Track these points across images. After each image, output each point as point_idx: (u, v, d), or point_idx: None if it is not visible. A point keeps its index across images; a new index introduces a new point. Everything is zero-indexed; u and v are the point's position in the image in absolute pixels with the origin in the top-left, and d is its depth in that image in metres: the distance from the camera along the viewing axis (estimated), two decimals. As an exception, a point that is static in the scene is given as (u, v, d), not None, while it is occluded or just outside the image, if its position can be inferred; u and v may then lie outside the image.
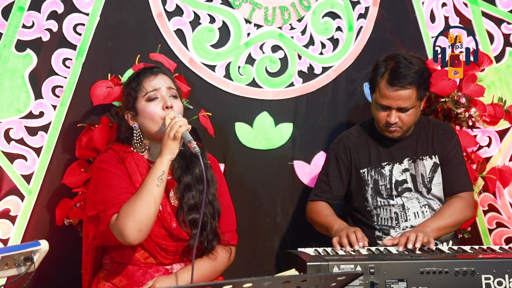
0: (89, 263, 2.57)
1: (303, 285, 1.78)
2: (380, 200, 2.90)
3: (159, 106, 2.44)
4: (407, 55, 2.82)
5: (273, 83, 3.26)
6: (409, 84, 2.75)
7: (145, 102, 2.46)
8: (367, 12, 3.34)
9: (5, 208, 2.94)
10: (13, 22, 2.91)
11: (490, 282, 2.27)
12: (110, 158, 2.47)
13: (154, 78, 2.49)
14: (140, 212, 2.29)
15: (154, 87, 2.47)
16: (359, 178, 2.92)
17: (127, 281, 2.46)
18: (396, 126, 2.81)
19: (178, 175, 2.50)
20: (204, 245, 2.47)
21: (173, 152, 2.35)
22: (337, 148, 2.97)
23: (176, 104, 2.46)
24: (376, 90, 2.82)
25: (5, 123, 2.93)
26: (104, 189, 2.40)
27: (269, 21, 3.22)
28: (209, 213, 2.48)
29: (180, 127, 2.33)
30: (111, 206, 2.34)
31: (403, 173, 2.90)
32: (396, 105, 2.78)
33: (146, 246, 2.44)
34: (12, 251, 2.03)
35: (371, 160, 2.92)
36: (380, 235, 2.89)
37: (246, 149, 3.26)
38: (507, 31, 3.46)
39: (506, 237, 3.45)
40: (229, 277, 2.56)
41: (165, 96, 2.46)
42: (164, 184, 2.35)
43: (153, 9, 3.10)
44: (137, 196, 2.32)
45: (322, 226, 2.84)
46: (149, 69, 2.56)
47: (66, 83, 2.99)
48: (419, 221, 2.83)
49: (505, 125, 3.41)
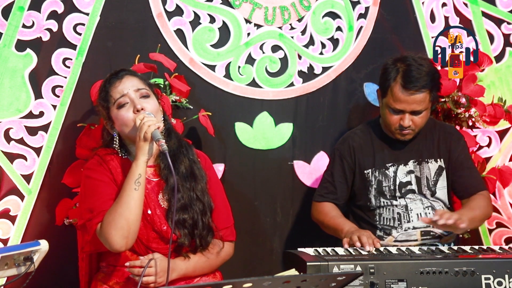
0: (84, 268, 2.59)
1: (303, 285, 1.78)
2: (383, 200, 2.89)
3: (130, 110, 2.41)
4: (415, 57, 2.80)
5: (273, 83, 3.26)
6: (423, 87, 2.73)
7: (116, 110, 2.43)
8: (367, 12, 3.34)
9: (5, 208, 2.94)
10: (13, 22, 2.91)
11: (490, 282, 2.27)
12: (95, 164, 2.46)
13: (120, 84, 2.45)
14: (121, 219, 2.27)
15: (121, 92, 2.43)
16: (363, 178, 2.91)
17: (123, 284, 2.46)
18: (409, 129, 2.80)
19: (165, 176, 2.47)
20: (197, 243, 2.46)
21: (146, 154, 2.33)
22: (342, 148, 2.96)
23: (148, 103, 2.43)
24: (389, 94, 2.79)
25: (5, 123, 2.93)
26: (90, 197, 2.40)
27: (269, 21, 3.22)
28: (198, 210, 2.46)
29: (149, 127, 2.31)
30: (96, 215, 2.34)
31: (407, 174, 2.89)
32: (410, 108, 2.76)
33: (138, 250, 2.43)
34: (12, 251, 2.03)
35: (376, 161, 2.90)
36: (381, 234, 2.88)
37: (246, 149, 3.26)
38: (507, 31, 3.46)
39: (506, 237, 3.45)
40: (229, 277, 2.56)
41: (134, 99, 2.41)
42: (142, 186, 2.33)
43: (153, 9, 3.10)
44: (117, 203, 2.31)
45: (330, 228, 2.83)
46: (114, 74, 2.51)
47: (66, 83, 2.99)
48: (422, 223, 2.83)
49: (505, 125, 3.41)
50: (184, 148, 2.54)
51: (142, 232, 2.41)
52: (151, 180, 2.48)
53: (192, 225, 2.44)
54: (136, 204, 2.30)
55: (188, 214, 2.43)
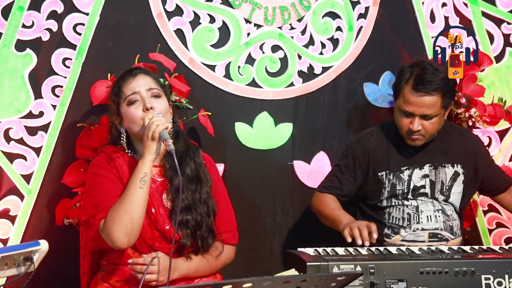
0: (86, 266, 2.58)
1: (303, 285, 1.78)
2: (394, 200, 2.89)
3: (139, 108, 2.43)
4: (432, 63, 2.82)
5: (273, 83, 3.26)
6: (434, 91, 2.72)
7: (126, 107, 2.46)
8: (367, 12, 3.33)
9: (5, 208, 2.93)
10: (13, 22, 2.91)
11: (490, 282, 2.27)
12: (102, 161, 2.47)
13: (133, 81, 2.48)
14: (125, 216, 2.29)
15: (133, 90, 2.46)
16: (376, 180, 2.89)
17: (124, 282, 2.46)
18: (418, 134, 2.78)
19: (170, 176, 2.48)
20: (199, 244, 2.47)
21: (153, 153, 2.35)
22: (356, 148, 2.94)
23: (158, 103, 2.45)
24: (400, 95, 2.79)
25: (5, 123, 2.93)
26: (95, 194, 2.41)
27: (269, 21, 3.22)
28: (203, 212, 2.48)
29: (157, 127, 2.32)
30: (100, 211, 2.35)
31: (422, 178, 2.87)
32: (419, 112, 2.74)
33: (140, 248, 2.44)
34: (12, 251, 2.03)
35: (390, 164, 2.88)
36: (389, 233, 2.88)
37: (246, 149, 3.26)
38: (507, 31, 3.46)
39: (506, 237, 3.45)
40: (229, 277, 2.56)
41: (145, 97, 2.44)
42: (148, 185, 2.34)
43: (153, 9, 3.10)
44: (121, 200, 2.32)
45: (328, 219, 2.82)
46: (128, 71, 2.55)
47: (66, 83, 2.99)
48: (432, 224, 2.83)
49: (505, 125, 3.41)
50: (191, 150, 2.56)
51: (146, 230, 2.42)
52: (156, 180, 2.49)
53: (194, 226, 2.45)
54: (140, 202, 2.31)
55: (191, 215, 2.44)
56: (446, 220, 2.87)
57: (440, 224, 2.86)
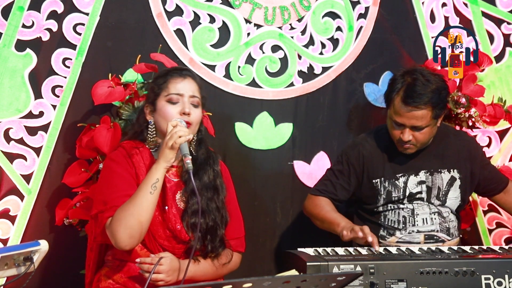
0: (92, 259, 2.57)
1: (303, 285, 1.78)
2: (390, 205, 2.88)
3: (177, 109, 2.43)
4: (425, 72, 2.76)
5: (273, 83, 3.26)
6: (424, 104, 2.68)
7: (165, 102, 2.45)
8: (367, 12, 3.33)
9: (5, 208, 2.94)
10: (13, 22, 2.91)
11: (490, 282, 2.27)
12: (119, 156, 2.46)
13: (181, 81, 2.48)
14: (131, 219, 2.28)
15: (178, 91, 2.46)
16: (371, 187, 2.88)
17: (128, 278, 2.45)
18: (409, 143, 2.76)
19: (185, 179, 2.48)
20: (208, 248, 2.47)
21: (168, 161, 2.34)
22: (351, 154, 2.91)
23: (195, 113, 2.46)
24: (391, 106, 2.76)
25: (5, 123, 2.93)
26: (106, 189, 2.41)
27: (269, 21, 3.22)
28: (217, 219, 2.48)
29: (180, 138, 2.31)
30: (109, 209, 2.35)
31: (418, 185, 2.86)
32: (410, 123, 2.72)
33: (149, 246, 2.44)
34: (12, 251, 2.03)
35: (385, 171, 2.86)
36: (384, 234, 2.87)
37: (246, 149, 3.26)
38: (507, 31, 3.46)
39: (506, 237, 3.45)
40: (229, 277, 2.56)
41: (186, 102, 2.44)
42: (158, 191, 2.33)
43: (153, 9, 3.10)
44: (130, 202, 2.32)
45: (324, 221, 2.81)
46: (179, 70, 2.55)
47: (66, 83, 2.99)
48: (427, 227, 2.83)
49: (505, 125, 3.41)
50: (212, 159, 2.56)
51: (157, 229, 2.42)
52: (171, 180, 2.49)
53: (205, 230, 2.44)
54: (148, 207, 2.31)
55: (203, 219, 2.44)
56: (443, 222, 2.86)
57: (436, 226, 2.85)
